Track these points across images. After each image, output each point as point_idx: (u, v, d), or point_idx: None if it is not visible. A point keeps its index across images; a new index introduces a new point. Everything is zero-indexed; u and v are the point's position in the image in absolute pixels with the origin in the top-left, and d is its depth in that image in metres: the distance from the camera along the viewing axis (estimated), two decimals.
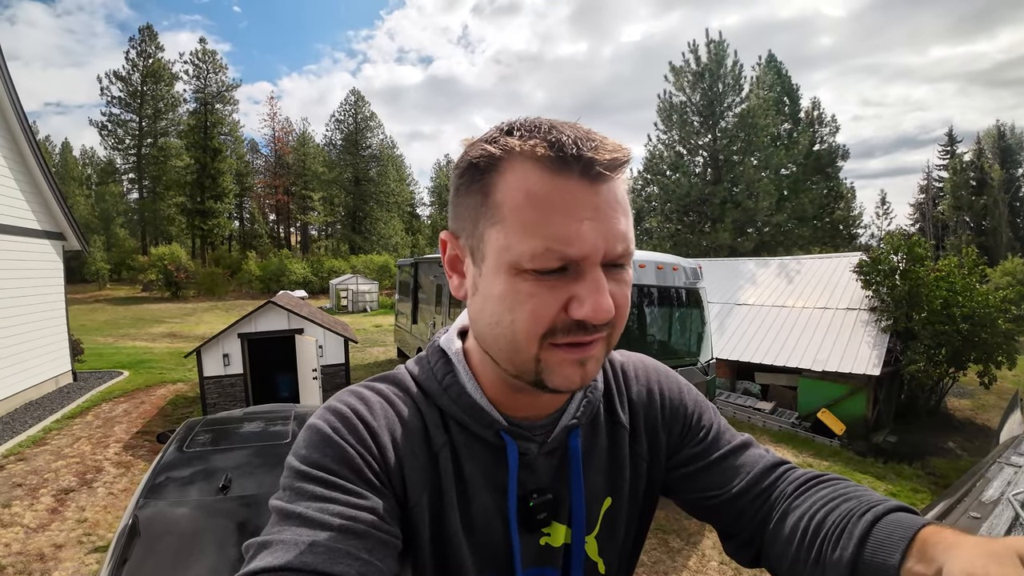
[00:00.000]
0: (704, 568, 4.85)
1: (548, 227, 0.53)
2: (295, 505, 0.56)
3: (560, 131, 0.54)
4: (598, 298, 0.54)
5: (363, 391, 0.68)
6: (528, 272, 0.54)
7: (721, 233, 24.76)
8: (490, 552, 0.67)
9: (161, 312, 27.74)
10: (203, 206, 44.72)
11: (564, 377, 0.58)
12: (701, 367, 6.55)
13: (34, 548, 4.70)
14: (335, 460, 0.59)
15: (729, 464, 0.75)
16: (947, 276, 10.23)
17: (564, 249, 0.53)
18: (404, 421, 0.66)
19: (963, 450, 9.63)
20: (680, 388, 0.83)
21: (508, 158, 0.55)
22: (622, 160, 0.55)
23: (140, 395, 10.15)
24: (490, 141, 0.57)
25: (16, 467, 6.41)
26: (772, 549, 0.67)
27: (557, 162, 0.53)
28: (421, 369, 0.72)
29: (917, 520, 0.54)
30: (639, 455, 0.78)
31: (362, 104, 54.40)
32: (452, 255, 0.64)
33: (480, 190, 0.57)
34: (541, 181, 0.53)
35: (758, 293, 13.24)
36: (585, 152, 0.53)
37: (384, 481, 0.61)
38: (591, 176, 0.53)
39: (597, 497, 0.74)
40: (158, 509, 2.91)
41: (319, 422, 0.62)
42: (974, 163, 43.85)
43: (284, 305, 8.83)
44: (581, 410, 0.72)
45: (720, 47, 26.22)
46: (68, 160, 50.37)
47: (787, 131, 31.27)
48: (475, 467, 0.67)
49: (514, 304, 0.55)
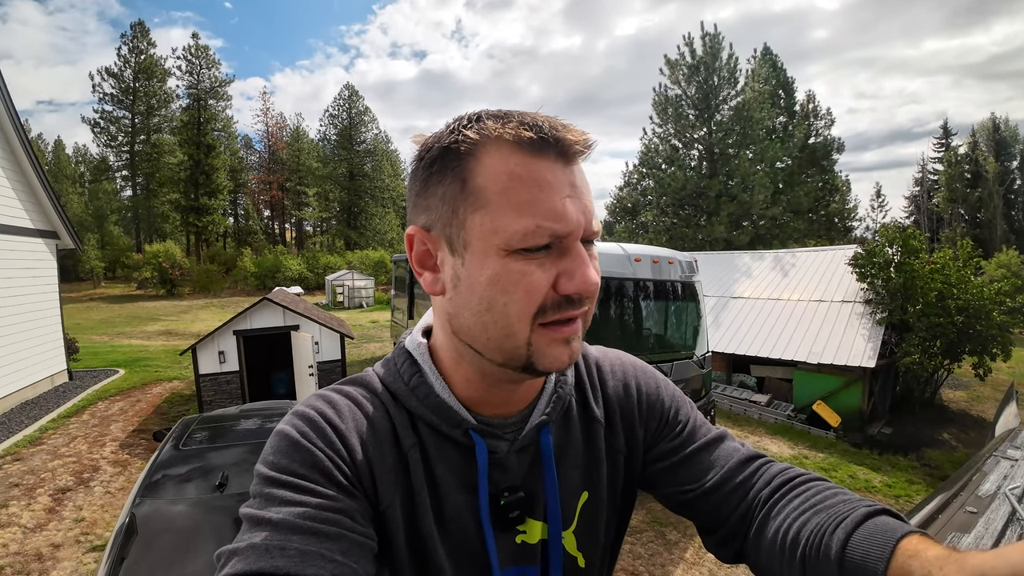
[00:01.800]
0: (700, 560, 4.87)
1: (536, 205, 0.55)
2: (265, 511, 0.55)
3: (532, 117, 0.57)
4: (585, 270, 0.57)
5: (331, 395, 0.68)
6: (518, 252, 0.55)
7: (717, 226, 24.80)
8: (466, 553, 0.67)
9: (156, 310, 27.65)
10: (197, 203, 44.49)
11: (554, 358, 0.59)
12: (697, 360, 6.57)
13: (32, 548, 4.69)
14: (304, 465, 0.59)
15: (704, 458, 0.75)
16: (942, 268, 10.26)
17: (553, 225, 0.55)
18: (372, 423, 0.66)
19: (958, 441, 9.69)
20: (657, 383, 0.83)
21: (486, 142, 0.57)
22: (591, 141, 0.59)
23: (136, 393, 10.12)
24: (465, 127, 0.58)
25: (13, 467, 6.40)
26: (757, 560, 0.68)
27: (536, 144, 0.55)
28: (388, 371, 0.72)
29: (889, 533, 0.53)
30: (616, 449, 0.78)
31: (356, 99, 54.20)
32: (422, 251, 0.63)
33: (458, 177, 0.57)
34: (523, 162, 0.56)
35: (754, 286, 13.26)
36: (558, 135, 0.56)
37: (355, 483, 0.61)
38: (567, 156, 0.57)
39: (573, 492, 0.74)
40: (155, 507, 2.91)
41: (287, 428, 0.62)
42: (969, 156, 43.85)
43: (280, 302, 8.81)
44: (551, 406, 0.72)
45: (715, 40, 26.16)
46: (61, 158, 50.05)
47: (782, 124, 31.31)
48: (446, 468, 0.67)
49: (507, 285, 0.56)
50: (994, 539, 1.84)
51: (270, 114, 56.32)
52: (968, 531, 1.91)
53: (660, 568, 4.73)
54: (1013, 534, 1.86)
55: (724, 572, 4.71)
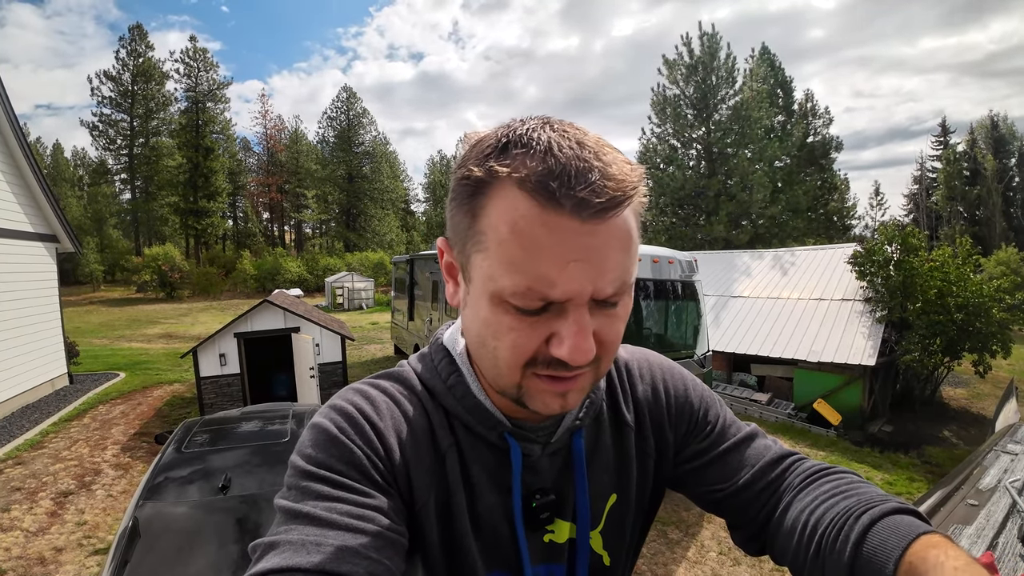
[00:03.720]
0: (703, 559, 4.88)
1: (531, 266, 0.49)
2: (302, 505, 0.55)
3: (559, 153, 0.49)
4: (577, 341, 0.51)
5: (369, 390, 0.67)
6: (510, 306, 0.53)
7: (716, 226, 24.85)
8: (498, 551, 0.68)
9: (156, 313, 27.64)
10: (196, 205, 44.48)
11: (544, 404, 0.58)
12: (698, 359, 6.59)
13: (34, 552, 4.69)
14: (341, 461, 0.59)
15: (734, 458, 0.75)
16: (941, 266, 10.26)
17: (546, 291, 0.50)
18: (410, 422, 0.66)
19: (958, 438, 9.69)
20: (686, 384, 0.82)
21: (495, 183, 0.51)
22: (623, 198, 0.49)
23: (137, 396, 10.12)
24: (480, 161, 0.53)
25: (14, 471, 6.40)
26: (776, 541, 0.68)
27: (547, 196, 0.48)
28: (425, 367, 0.72)
29: (913, 527, 0.53)
30: (646, 453, 0.79)
31: (354, 101, 54.19)
32: (448, 262, 0.63)
33: (469, 211, 0.54)
34: (529, 216, 0.49)
35: (753, 285, 13.27)
36: (578, 189, 0.48)
37: (390, 482, 0.61)
38: (584, 216, 0.48)
39: (602, 494, 0.75)
40: (158, 510, 2.92)
41: (325, 421, 0.62)
42: (967, 153, 43.92)
43: (280, 304, 8.81)
44: (584, 411, 0.72)
45: (713, 40, 26.23)
46: (60, 162, 50.10)
47: (781, 123, 31.41)
48: (481, 469, 0.67)
49: (496, 333, 0.55)
50: (995, 530, 1.89)
51: (268, 116, 56.35)
52: (969, 523, 1.95)
53: (663, 567, 4.74)
54: (1013, 526, 1.91)
55: (727, 572, 4.71)
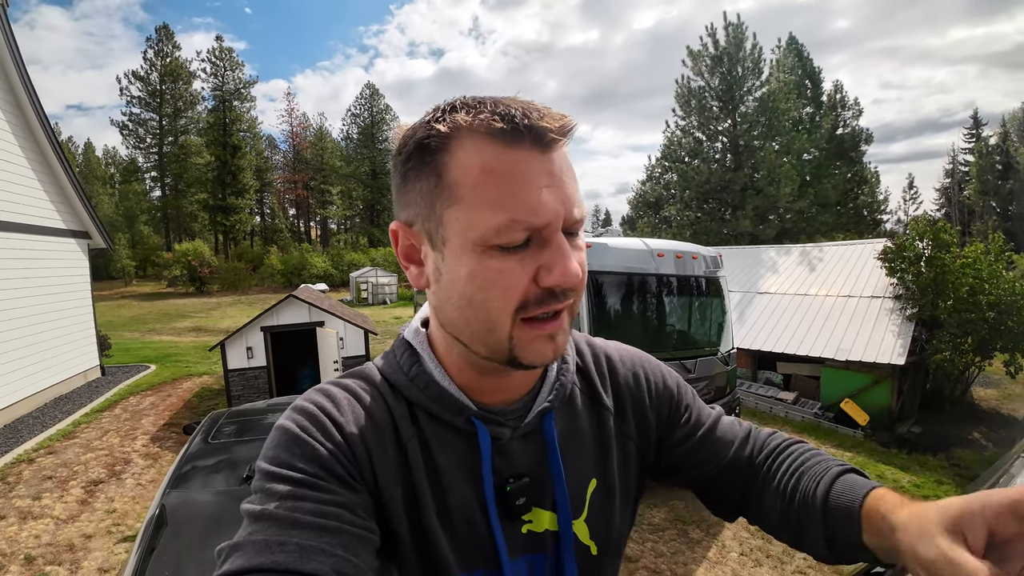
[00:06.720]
0: (724, 559, 4.82)
1: (510, 199, 0.53)
2: (265, 506, 0.55)
3: (506, 104, 0.55)
4: (566, 263, 0.55)
5: (329, 388, 0.68)
6: (495, 248, 0.54)
7: (742, 220, 24.39)
8: (474, 545, 0.66)
9: (186, 307, 28.24)
10: (224, 202, 45.36)
11: (537, 352, 0.59)
12: (722, 357, 6.48)
13: (64, 539, 4.84)
14: (304, 459, 0.58)
15: (715, 437, 0.81)
16: (973, 263, 9.93)
17: (529, 219, 0.53)
18: (371, 415, 0.65)
19: (988, 441, 9.40)
20: (663, 372, 0.86)
21: (458, 135, 0.55)
22: (569, 126, 0.56)
23: (167, 388, 10.37)
24: (436, 120, 0.57)
25: (46, 460, 6.59)
26: (761, 506, 0.75)
27: (509, 134, 0.53)
28: (387, 362, 0.72)
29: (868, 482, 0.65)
30: (626, 435, 0.79)
31: (377, 98, 54.70)
32: (407, 245, 0.63)
33: (432, 172, 0.56)
34: (496, 154, 0.54)
35: (780, 281, 13.03)
36: (534, 121, 0.53)
37: (356, 476, 0.60)
38: (543, 144, 0.54)
39: (582, 479, 0.73)
40: (184, 499, 2.97)
41: (287, 422, 0.62)
42: (1000, 147, 42.61)
43: (305, 298, 8.93)
44: (554, 393, 0.72)
45: (739, 30, 25.65)
46: (91, 160, 51.36)
47: (809, 115, 30.60)
48: (448, 458, 0.66)
49: (485, 281, 0.56)
50: None
51: (294, 115, 57.18)
52: None
53: (683, 567, 4.69)
54: None
55: (748, 572, 4.65)
